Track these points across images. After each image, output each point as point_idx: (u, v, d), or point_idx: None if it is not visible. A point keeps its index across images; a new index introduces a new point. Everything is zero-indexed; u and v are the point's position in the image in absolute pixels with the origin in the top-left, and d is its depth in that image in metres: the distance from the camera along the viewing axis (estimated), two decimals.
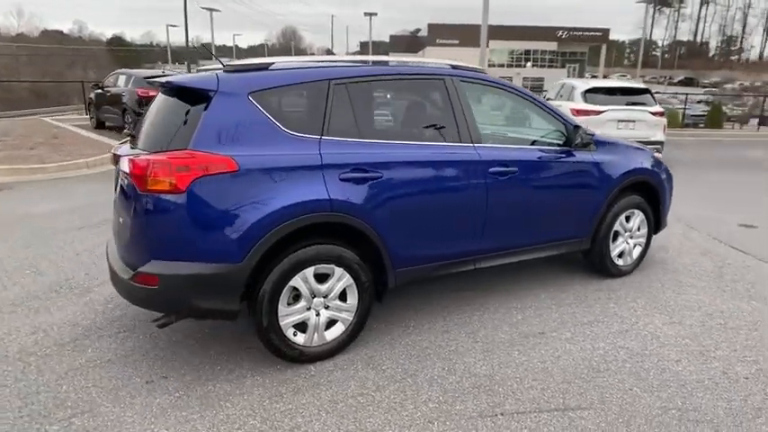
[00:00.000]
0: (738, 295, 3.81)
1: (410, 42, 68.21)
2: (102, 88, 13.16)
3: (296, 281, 2.68)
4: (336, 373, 2.77)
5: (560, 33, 57.02)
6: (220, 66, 2.93)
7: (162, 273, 2.47)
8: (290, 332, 2.74)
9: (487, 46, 18.44)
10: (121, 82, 12.35)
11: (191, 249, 2.49)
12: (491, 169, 3.20)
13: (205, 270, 2.49)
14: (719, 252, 4.78)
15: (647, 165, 4.03)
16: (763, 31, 76.06)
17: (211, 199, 2.47)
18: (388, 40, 74.49)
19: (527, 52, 56.83)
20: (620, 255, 4.05)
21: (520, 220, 3.44)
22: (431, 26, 58.37)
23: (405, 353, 2.97)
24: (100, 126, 13.40)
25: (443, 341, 3.11)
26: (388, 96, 3.13)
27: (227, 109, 2.56)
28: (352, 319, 2.91)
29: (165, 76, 3.73)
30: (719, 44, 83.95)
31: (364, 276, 2.86)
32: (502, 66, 54.63)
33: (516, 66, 55.23)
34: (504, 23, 58.20)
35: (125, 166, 2.60)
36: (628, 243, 4.08)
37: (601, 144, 3.75)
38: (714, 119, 19.96)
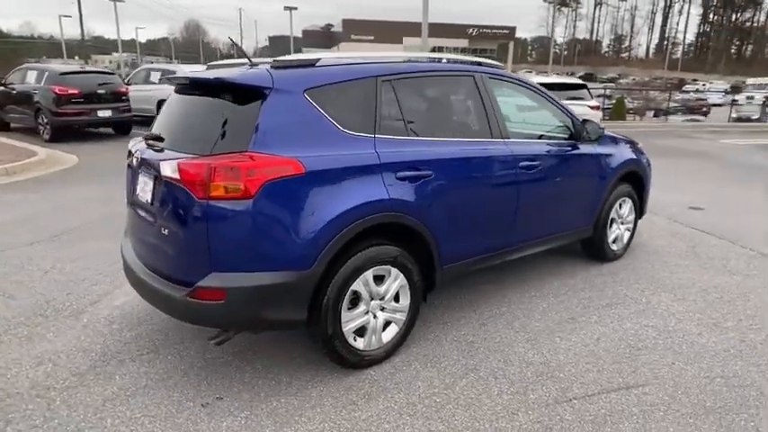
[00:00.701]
0: (720, 271, 4.25)
1: (324, 37, 67.69)
2: (4, 85, 11.78)
3: (357, 284, 2.62)
4: (399, 375, 2.74)
5: (471, 31, 59.43)
6: (244, 61, 2.79)
7: (229, 286, 2.30)
8: (351, 338, 2.67)
9: (429, 40, 18.81)
10: (31, 78, 11.13)
11: (258, 258, 2.35)
12: (521, 163, 3.32)
13: (274, 279, 2.36)
14: (685, 233, 5.29)
15: (635, 155, 4.38)
16: (648, 30, 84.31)
17: (280, 204, 2.34)
18: (300, 35, 73.39)
19: (440, 49, 58.68)
20: (614, 240, 4.37)
21: (543, 213, 3.60)
22: (345, 21, 58.33)
23: (455, 348, 3.01)
24: (3, 128, 12.01)
25: (485, 334, 3.18)
26: (428, 93, 3.13)
27: (284, 107, 2.43)
28: (404, 319, 2.89)
29: (169, 72, 3.43)
30: (611, 42, 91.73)
31: (416, 276, 2.86)
32: None
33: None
34: (417, 20, 59.97)
35: (167, 170, 2.39)
36: (620, 229, 4.40)
37: (602, 137, 4.01)
38: (618, 111, 21.84)
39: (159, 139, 2.71)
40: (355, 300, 2.66)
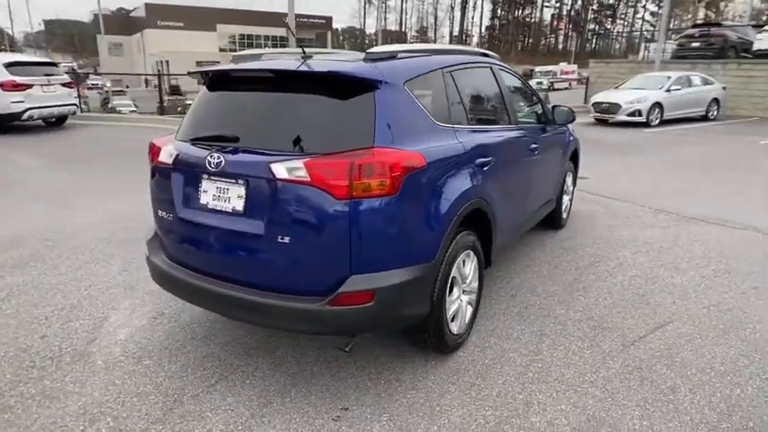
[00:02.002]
0: (643, 226, 5.24)
1: (122, 23, 60.65)
2: None
3: (455, 270, 2.73)
4: (489, 351, 2.93)
5: (286, 19, 59.08)
6: (297, 51, 2.66)
7: (377, 286, 2.23)
8: (449, 323, 2.77)
9: (245, 29, 18.15)
10: None
11: (399, 255, 2.32)
12: (530, 146, 3.71)
13: (413, 274, 2.35)
14: (593, 199, 6.31)
15: (574, 134, 5.12)
16: (450, 23, 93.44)
17: (414, 198, 2.35)
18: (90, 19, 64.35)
19: (255, 37, 56.96)
20: (565, 209, 5.08)
21: (539, 189, 4.07)
22: (149, 6, 53.11)
23: (510, 319, 3.29)
24: None
25: (522, 303, 3.52)
26: (472, 83, 3.27)
27: (393, 100, 2.41)
28: (476, 299, 3.08)
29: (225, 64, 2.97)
30: (416, 34, 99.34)
31: (482, 257, 3.06)
32: (234, 50, 53.67)
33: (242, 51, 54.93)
34: (231, 6, 57.21)
35: (284, 172, 2.20)
36: (567, 198, 5.14)
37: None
38: None
39: (230, 139, 2.43)
40: (451, 286, 2.76)
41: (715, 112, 14.87)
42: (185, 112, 3.89)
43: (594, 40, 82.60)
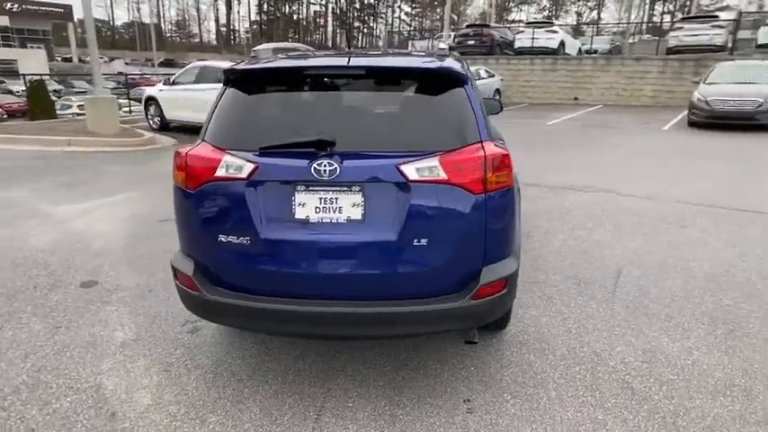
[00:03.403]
0: (561, 196, 6.19)
1: None
2: None
3: None
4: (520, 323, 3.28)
5: (11, 6, 49.48)
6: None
7: (506, 274, 2.37)
8: None
9: None
10: None
11: (510, 244, 2.47)
12: None
13: (517, 260, 2.53)
14: None
15: None
16: (215, 18, 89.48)
17: (515, 189, 2.53)
18: None
19: None
20: None
21: None
22: None
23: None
24: None
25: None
26: None
27: (476, 95, 2.53)
28: None
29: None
30: (174, 27, 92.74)
31: None
32: None
33: None
34: None
35: (415, 173, 2.19)
36: None
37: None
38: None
39: (325, 144, 2.24)
40: None
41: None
42: None
43: (360, 38, 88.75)
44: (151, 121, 12.45)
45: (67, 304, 3.56)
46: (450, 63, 2.48)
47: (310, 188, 2.23)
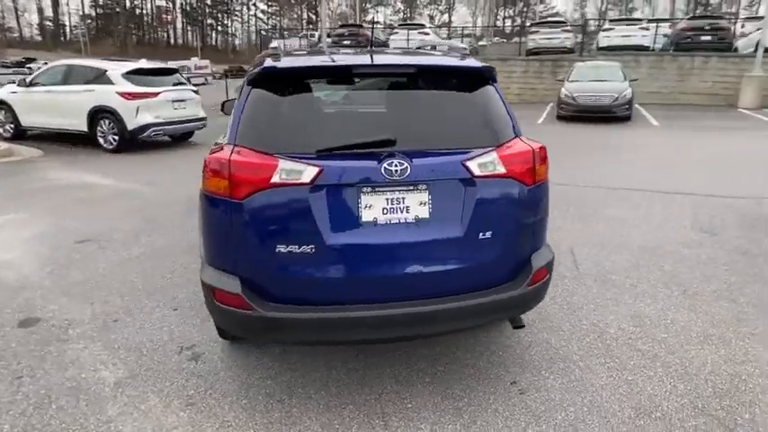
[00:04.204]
0: None
1: None
2: None
3: None
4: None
5: None
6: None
7: (548, 260, 2.53)
8: None
9: None
10: None
11: (544, 233, 2.63)
12: None
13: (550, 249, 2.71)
14: None
15: None
16: (38, 11, 78.96)
17: None
18: None
19: None
20: None
21: None
22: None
23: None
24: None
25: None
26: None
27: (501, 93, 2.66)
28: None
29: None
30: None
31: None
32: None
33: None
34: None
35: (478, 169, 2.27)
36: None
37: None
38: None
39: (389, 143, 2.22)
40: None
41: None
42: None
43: (214, 36, 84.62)
44: (2, 129, 10.71)
45: (15, 350, 3.01)
46: (476, 63, 2.58)
47: (376, 189, 2.18)
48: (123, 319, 3.35)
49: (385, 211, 2.21)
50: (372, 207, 2.19)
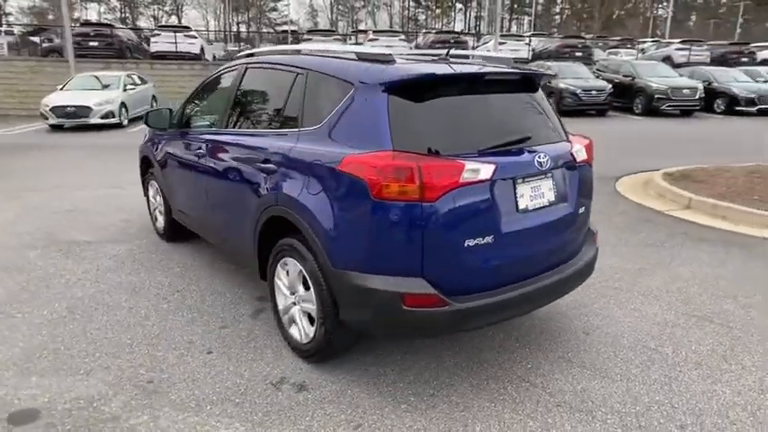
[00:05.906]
0: None
1: None
2: None
3: None
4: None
5: None
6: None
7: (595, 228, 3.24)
8: None
9: None
10: None
11: None
12: None
13: None
14: None
15: None
16: None
17: None
18: None
19: None
20: None
21: None
22: None
23: None
24: None
25: None
26: None
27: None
28: None
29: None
30: None
31: None
32: None
33: None
34: None
35: (574, 156, 2.85)
36: None
37: None
38: None
39: (527, 140, 2.67)
40: None
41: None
42: None
43: None
44: None
45: None
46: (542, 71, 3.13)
47: (526, 180, 2.56)
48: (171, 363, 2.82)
49: (531, 197, 2.60)
50: (524, 196, 2.57)
